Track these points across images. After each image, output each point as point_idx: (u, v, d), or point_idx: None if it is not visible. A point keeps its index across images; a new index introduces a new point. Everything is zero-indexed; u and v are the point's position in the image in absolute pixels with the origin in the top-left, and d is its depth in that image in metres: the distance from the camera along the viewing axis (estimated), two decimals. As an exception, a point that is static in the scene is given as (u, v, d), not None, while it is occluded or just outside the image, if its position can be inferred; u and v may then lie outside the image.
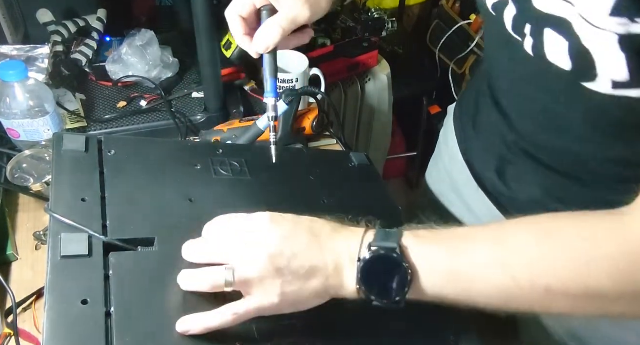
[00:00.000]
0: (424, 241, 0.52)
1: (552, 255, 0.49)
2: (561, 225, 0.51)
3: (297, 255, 0.52)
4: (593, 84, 0.51)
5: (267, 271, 0.51)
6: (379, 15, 1.69)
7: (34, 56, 1.09)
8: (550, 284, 0.48)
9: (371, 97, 1.60)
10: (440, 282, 0.52)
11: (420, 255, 0.51)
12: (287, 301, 0.52)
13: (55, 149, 0.67)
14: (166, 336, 0.51)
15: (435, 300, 0.52)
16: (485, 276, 0.50)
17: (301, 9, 0.64)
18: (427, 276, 0.51)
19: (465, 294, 0.52)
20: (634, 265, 0.47)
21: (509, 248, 0.51)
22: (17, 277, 0.79)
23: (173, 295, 0.54)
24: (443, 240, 0.53)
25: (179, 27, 1.32)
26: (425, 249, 0.52)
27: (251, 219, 0.56)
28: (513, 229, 0.52)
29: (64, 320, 0.48)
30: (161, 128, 1.07)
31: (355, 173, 0.86)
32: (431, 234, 0.54)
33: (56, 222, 0.57)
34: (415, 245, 0.52)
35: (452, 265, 0.51)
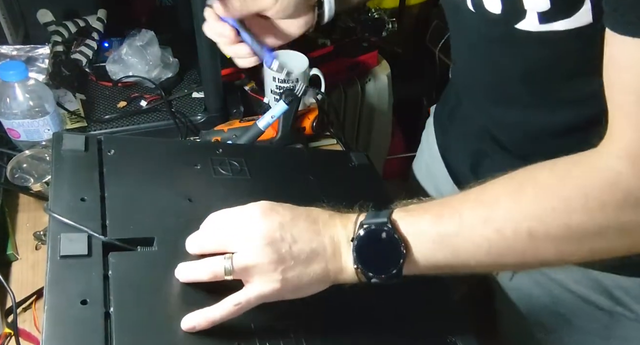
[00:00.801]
0: (411, 213, 0.54)
1: (529, 199, 0.50)
2: (535, 173, 0.52)
3: (297, 240, 0.53)
4: (523, 23, 0.54)
5: (267, 257, 0.52)
6: (378, 15, 1.69)
7: (34, 56, 1.09)
8: (532, 227, 0.49)
9: (371, 97, 1.60)
10: (430, 248, 0.52)
11: (409, 225, 0.53)
12: (288, 287, 0.53)
13: (55, 149, 0.67)
14: (165, 336, 0.51)
15: (431, 270, 0.53)
16: (470, 235, 0.51)
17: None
18: (417, 245, 0.52)
19: (455, 257, 0.52)
20: (611, 196, 0.47)
21: (488, 203, 0.51)
22: (17, 277, 0.79)
23: (172, 295, 0.54)
24: (429, 209, 0.54)
25: (179, 27, 1.32)
26: (412, 219, 0.53)
27: (248, 208, 0.56)
28: (490, 186, 0.53)
29: (64, 320, 0.48)
30: (161, 128, 1.06)
31: (355, 173, 0.86)
32: (418, 206, 0.55)
33: (56, 221, 0.57)
34: (403, 217, 0.53)
35: (439, 231, 0.52)
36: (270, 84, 1.12)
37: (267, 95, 1.16)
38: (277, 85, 1.10)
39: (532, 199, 0.50)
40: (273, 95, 1.13)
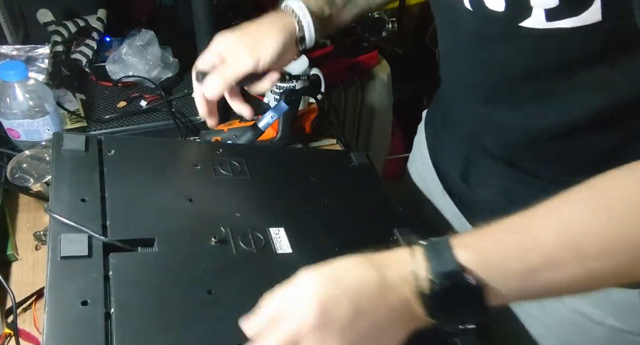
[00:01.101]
0: (482, 252, 0.48)
1: (620, 217, 0.46)
2: (615, 185, 0.47)
3: (370, 333, 0.48)
4: (529, 21, 0.52)
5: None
6: (378, 15, 1.69)
7: (34, 56, 1.09)
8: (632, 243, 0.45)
9: (371, 97, 1.59)
10: (517, 286, 0.48)
11: (487, 268, 0.47)
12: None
13: (55, 149, 0.67)
14: (166, 337, 0.51)
15: (515, 301, 0.51)
16: (564, 269, 0.46)
17: (244, 60, 0.73)
18: (502, 286, 0.48)
19: (547, 289, 0.49)
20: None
21: (575, 228, 0.47)
22: (17, 277, 0.79)
23: (173, 295, 0.54)
24: (502, 244, 0.49)
25: (179, 27, 1.32)
26: (489, 260, 0.48)
27: (303, 308, 0.48)
28: (564, 207, 0.48)
29: (64, 321, 0.48)
30: (161, 128, 1.06)
31: (355, 173, 0.86)
32: (481, 239, 0.50)
33: (56, 222, 0.57)
34: (476, 259, 0.48)
35: (526, 267, 0.47)
36: (270, 84, 1.11)
37: (267, 95, 1.16)
38: (277, 85, 1.10)
39: (625, 216, 0.45)
40: (273, 95, 1.13)
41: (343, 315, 0.47)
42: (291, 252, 0.65)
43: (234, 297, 0.57)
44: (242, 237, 0.64)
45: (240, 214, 0.68)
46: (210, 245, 0.61)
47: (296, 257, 0.65)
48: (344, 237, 0.71)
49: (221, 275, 0.59)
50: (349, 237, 0.71)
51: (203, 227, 0.63)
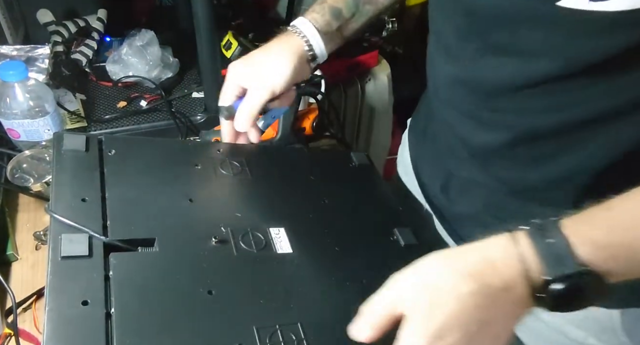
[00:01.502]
0: (599, 243, 0.47)
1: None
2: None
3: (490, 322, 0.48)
4: (570, 0, 0.46)
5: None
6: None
7: (34, 56, 1.09)
8: None
9: (371, 97, 1.59)
10: (627, 268, 0.48)
11: (604, 257, 0.46)
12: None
13: (55, 149, 0.67)
14: (167, 337, 0.51)
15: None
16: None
17: (260, 91, 0.75)
18: (617, 271, 0.47)
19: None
20: None
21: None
22: (17, 277, 0.79)
23: (173, 295, 0.54)
24: (614, 231, 0.47)
25: (179, 27, 1.32)
26: (606, 249, 0.47)
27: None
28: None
29: (65, 321, 0.48)
30: (161, 128, 1.07)
31: (355, 173, 0.86)
32: (594, 227, 0.48)
33: (56, 222, 0.57)
34: (595, 253, 0.46)
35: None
36: (270, 84, 1.11)
37: (267, 95, 1.16)
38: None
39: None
40: (273, 95, 1.13)
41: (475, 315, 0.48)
42: (292, 252, 0.65)
43: (235, 298, 0.57)
44: (243, 237, 0.64)
45: (241, 214, 0.68)
46: (211, 245, 0.61)
47: (297, 257, 0.65)
48: (344, 237, 0.71)
49: (222, 276, 0.58)
50: (349, 237, 0.71)
51: (203, 227, 0.63)
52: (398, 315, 0.49)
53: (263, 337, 0.53)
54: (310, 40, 0.79)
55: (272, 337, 0.54)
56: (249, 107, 0.76)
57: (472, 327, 0.47)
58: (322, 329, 0.58)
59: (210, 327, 0.53)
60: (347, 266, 0.67)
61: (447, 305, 0.47)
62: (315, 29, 0.78)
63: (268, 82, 0.76)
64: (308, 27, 0.78)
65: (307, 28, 0.78)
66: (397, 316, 0.49)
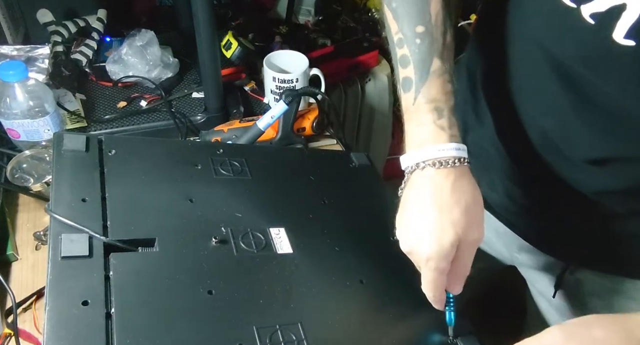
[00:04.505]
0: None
1: None
2: None
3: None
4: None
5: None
6: (379, 16, 1.69)
7: (34, 56, 1.09)
8: None
9: (371, 97, 1.59)
10: None
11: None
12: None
13: (55, 149, 0.67)
14: (166, 337, 0.51)
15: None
16: None
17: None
18: None
19: None
20: None
21: None
22: (17, 277, 0.79)
23: (173, 295, 0.54)
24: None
25: (179, 27, 1.32)
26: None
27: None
28: None
29: (65, 321, 0.48)
30: (161, 128, 1.06)
31: (355, 173, 0.86)
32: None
33: (56, 222, 0.57)
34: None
35: None
36: (270, 84, 1.11)
37: (267, 95, 1.16)
38: (277, 86, 1.10)
39: None
40: (273, 95, 1.13)
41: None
42: (292, 252, 0.65)
43: (235, 298, 0.57)
44: (243, 237, 0.64)
45: (241, 214, 0.68)
46: (211, 245, 0.61)
47: (297, 257, 0.65)
48: (344, 237, 0.71)
49: (222, 276, 0.58)
50: (349, 237, 0.71)
51: (203, 227, 0.63)
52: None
53: (263, 337, 0.53)
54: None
55: (273, 337, 0.54)
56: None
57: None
58: (322, 328, 0.58)
59: (210, 327, 0.53)
60: (347, 266, 0.67)
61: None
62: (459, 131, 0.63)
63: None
64: (463, 150, 0.61)
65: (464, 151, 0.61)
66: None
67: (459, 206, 0.57)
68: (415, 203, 0.59)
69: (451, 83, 0.62)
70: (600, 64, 0.55)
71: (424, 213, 0.57)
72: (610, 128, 0.59)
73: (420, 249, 0.57)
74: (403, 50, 0.63)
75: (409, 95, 0.62)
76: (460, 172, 0.58)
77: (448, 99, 0.61)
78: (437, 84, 0.61)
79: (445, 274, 0.58)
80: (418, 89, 0.61)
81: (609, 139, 0.60)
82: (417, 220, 0.58)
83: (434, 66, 0.61)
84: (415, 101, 0.61)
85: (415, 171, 0.60)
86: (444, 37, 0.62)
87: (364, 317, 0.63)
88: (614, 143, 0.60)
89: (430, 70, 0.61)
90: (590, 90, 0.58)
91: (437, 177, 0.58)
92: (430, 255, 0.56)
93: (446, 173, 0.58)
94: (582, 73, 0.57)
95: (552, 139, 0.65)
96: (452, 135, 0.59)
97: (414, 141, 0.61)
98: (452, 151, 0.58)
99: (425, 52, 0.61)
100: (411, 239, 0.58)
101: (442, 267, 0.57)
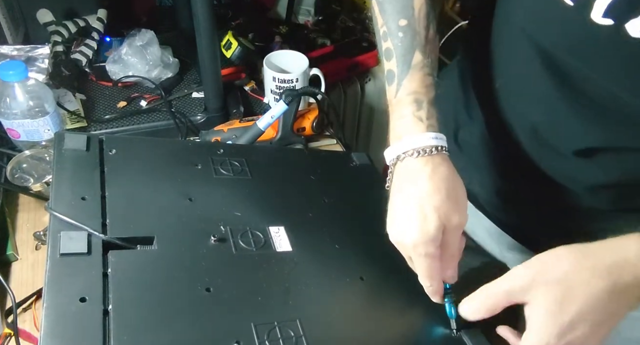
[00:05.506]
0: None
1: None
2: None
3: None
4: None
5: None
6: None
7: (34, 56, 1.09)
8: None
9: (371, 97, 1.60)
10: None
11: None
12: None
13: (56, 148, 0.67)
14: (164, 334, 0.50)
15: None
16: None
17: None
18: None
19: None
20: None
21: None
22: (17, 277, 0.79)
23: (171, 293, 0.54)
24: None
25: (179, 27, 1.33)
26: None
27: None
28: None
29: (62, 318, 0.48)
30: (161, 128, 1.07)
31: (356, 172, 0.86)
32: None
33: (56, 220, 0.57)
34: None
35: None
36: (270, 84, 1.12)
37: (267, 95, 1.16)
38: (277, 85, 1.10)
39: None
40: (273, 95, 1.13)
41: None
42: (291, 250, 0.65)
43: (233, 295, 0.57)
44: (242, 235, 0.64)
45: (240, 213, 0.68)
46: (210, 243, 0.61)
47: (296, 255, 0.65)
48: (344, 235, 0.71)
49: (220, 274, 0.58)
50: (350, 235, 0.71)
51: (203, 225, 0.63)
52: (518, 302, 0.54)
53: (261, 334, 0.53)
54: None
55: (271, 334, 0.54)
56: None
57: (601, 319, 0.52)
58: (321, 325, 0.58)
59: (207, 324, 0.53)
60: (347, 263, 0.67)
61: (581, 299, 0.52)
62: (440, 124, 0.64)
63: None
64: (442, 139, 0.62)
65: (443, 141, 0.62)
66: (516, 303, 0.54)
67: (440, 193, 0.58)
68: (398, 194, 0.61)
69: (432, 76, 0.64)
70: (582, 48, 0.56)
71: (406, 203, 0.59)
72: (598, 117, 0.60)
73: (406, 238, 0.58)
74: (387, 43, 0.65)
75: (392, 88, 0.64)
76: (439, 159, 0.60)
77: (428, 92, 0.62)
78: (418, 77, 0.63)
79: (437, 260, 0.59)
80: (400, 81, 0.63)
81: (597, 129, 0.61)
82: (401, 211, 0.60)
83: (415, 59, 0.63)
84: (397, 94, 0.63)
85: (397, 163, 0.62)
86: (427, 30, 0.64)
87: (364, 314, 0.63)
88: (601, 132, 0.61)
89: (411, 64, 0.63)
90: (577, 79, 0.58)
91: (416, 166, 0.59)
92: (416, 242, 0.57)
93: (424, 162, 0.59)
94: (567, 61, 0.58)
95: (541, 132, 0.66)
96: (429, 125, 0.61)
97: (395, 134, 0.63)
98: (429, 140, 0.60)
99: (407, 45, 0.63)
100: (397, 230, 0.60)
101: (430, 252, 0.58)
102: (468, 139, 0.78)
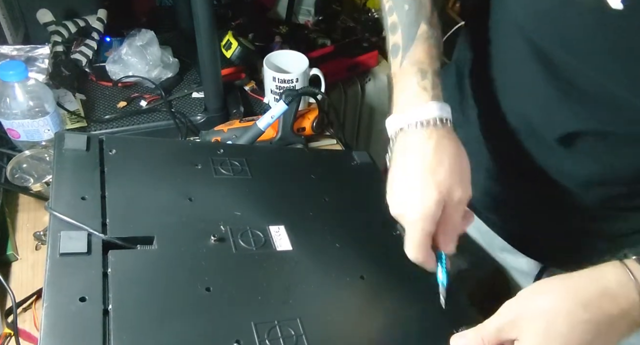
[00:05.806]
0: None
1: None
2: None
3: None
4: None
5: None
6: (378, 16, 1.69)
7: (34, 56, 1.09)
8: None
9: (371, 97, 1.60)
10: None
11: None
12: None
13: (56, 148, 0.67)
14: (163, 334, 0.50)
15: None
16: None
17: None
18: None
19: None
20: None
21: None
22: (17, 277, 0.79)
23: (171, 293, 0.54)
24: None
25: (179, 27, 1.33)
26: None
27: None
28: None
29: (62, 317, 0.48)
30: (161, 128, 1.07)
31: (357, 171, 0.86)
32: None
33: (56, 219, 0.57)
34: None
35: None
36: (270, 84, 1.12)
37: (267, 95, 1.16)
38: (277, 85, 1.10)
39: None
40: (273, 95, 1.13)
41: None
42: (291, 249, 0.65)
43: (233, 294, 0.57)
44: (242, 235, 0.64)
45: (240, 212, 0.68)
46: (210, 243, 0.61)
47: (296, 254, 0.65)
48: (345, 234, 0.71)
49: (220, 273, 0.58)
50: (350, 234, 0.71)
51: (202, 225, 0.63)
52: (509, 339, 0.52)
53: (261, 333, 0.53)
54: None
55: (271, 333, 0.54)
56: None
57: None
58: (321, 324, 0.58)
59: (207, 324, 0.53)
60: (347, 262, 0.67)
61: (566, 332, 0.50)
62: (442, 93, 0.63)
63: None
64: (447, 109, 0.61)
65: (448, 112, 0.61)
66: (508, 341, 0.52)
67: (442, 166, 0.56)
68: (399, 166, 0.59)
69: (437, 48, 0.63)
70: (571, 34, 0.55)
71: (408, 176, 0.58)
72: (588, 108, 0.59)
73: (406, 211, 0.57)
74: (392, 17, 0.64)
75: (397, 60, 0.63)
76: (443, 132, 0.58)
77: (432, 62, 0.61)
78: (423, 48, 0.62)
79: (430, 236, 0.57)
80: (405, 52, 0.62)
81: (589, 122, 0.60)
82: (402, 184, 0.58)
83: (420, 30, 0.62)
84: (401, 65, 0.62)
85: (399, 134, 0.60)
86: (432, 3, 0.64)
87: (364, 313, 0.63)
88: (594, 122, 0.60)
89: (417, 34, 0.62)
90: (569, 74, 0.58)
91: (420, 138, 0.58)
92: (415, 217, 0.56)
93: (428, 134, 0.58)
94: (559, 54, 0.58)
95: (535, 129, 0.66)
96: (434, 95, 0.60)
97: (399, 105, 0.61)
98: (433, 111, 0.58)
99: (412, 17, 0.63)
100: (397, 203, 0.59)
101: (427, 228, 0.56)
102: (462, 138, 0.78)
